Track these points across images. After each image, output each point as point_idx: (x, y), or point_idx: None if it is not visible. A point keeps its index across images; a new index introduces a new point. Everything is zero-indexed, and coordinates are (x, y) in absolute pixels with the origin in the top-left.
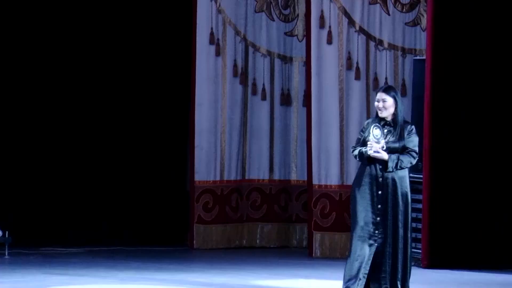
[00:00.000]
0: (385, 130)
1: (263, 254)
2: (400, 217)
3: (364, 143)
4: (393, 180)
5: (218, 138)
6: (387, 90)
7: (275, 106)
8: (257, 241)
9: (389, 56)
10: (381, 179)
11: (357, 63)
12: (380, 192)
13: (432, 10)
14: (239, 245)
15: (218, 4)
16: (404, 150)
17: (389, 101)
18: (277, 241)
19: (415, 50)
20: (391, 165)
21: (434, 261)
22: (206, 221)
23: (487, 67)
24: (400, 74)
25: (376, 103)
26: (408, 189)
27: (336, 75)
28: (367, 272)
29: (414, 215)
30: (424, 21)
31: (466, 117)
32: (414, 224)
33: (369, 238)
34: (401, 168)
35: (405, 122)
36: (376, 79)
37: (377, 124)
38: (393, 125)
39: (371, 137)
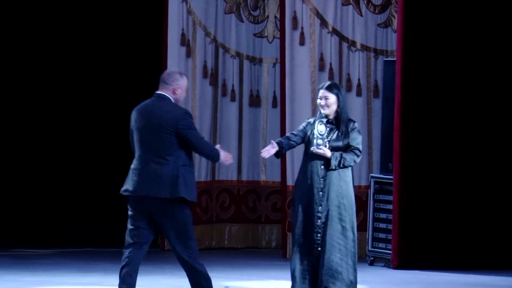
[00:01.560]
0: (328, 128)
1: (236, 255)
2: (347, 219)
3: (307, 142)
4: (337, 180)
5: None
6: (330, 87)
7: (244, 107)
8: (225, 242)
9: (362, 57)
10: (323, 179)
11: (330, 64)
12: (321, 193)
13: (402, 11)
14: (209, 246)
15: (188, 5)
16: (347, 149)
17: (332, 98)
18: (244, 242)
19: (387, 51)
20: (334, 163)
21: (404, 262)
22: None
23: (456, 69)
24: (372, 75)
25: (318, 101)
26: (352, 189)
27: (309, 76)
28: (309, 276)
29: (384, 215)
30: (395, 23)
31: (436, 118)
32: (384, 225)
33: (311, 242)
34: (344, 167)
35: (349, 120)
36: (349, 80)
37: (322, 120)
38: (335, 123)
39: (315, 133)
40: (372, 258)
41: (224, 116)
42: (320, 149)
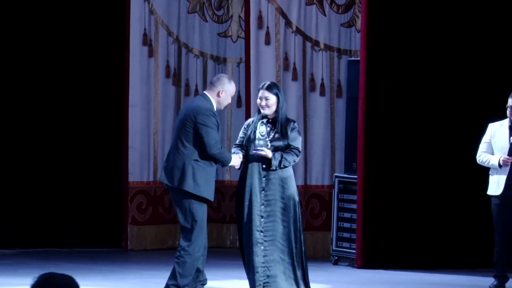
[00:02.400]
0: (268, 129)
1: None
2: (290, 219)
3: (248, 142)
4: (279, 180)
5: (151, 139)
6: (270, 87)
7: None
8: None
9: (325, 57)
10: (264, 179)
11: (294, 63)
12: (263, 193)
13: (366, 11)
14: (172, 246)
15: (150, 5)
16: (287, 148)
17: (272, 99)
18: (209, 242)
19: (350, 51)
20: (275, 163)
21: (368, 261)
22: (140, 222)
23: (419, 68)
24: (335, 75)
25: (258, 101)
26: (295, 189)
27: (274, 76)
28: (264, 277)
29: (348, 215)
30: (359, 22)
31: (400, 118)
32: (348, 225)
33: (257, 242)
34: (285, 167)
35: (288, 120)
36: (312, 80)
37: (263, 121)
38: (275, 123)
39: (257, 134)
40: (336, 258)
41: None
42: (262, 150)
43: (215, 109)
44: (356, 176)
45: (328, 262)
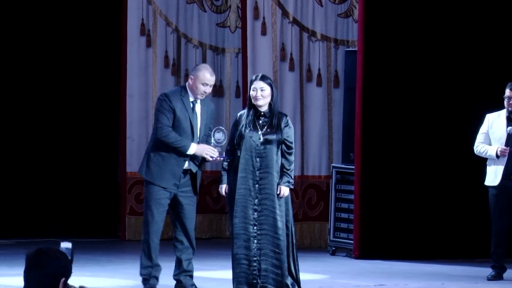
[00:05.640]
0: (260, 121)
1: (200, 245)
2: (283, 212)
3: (239, 138)
4: (271, 175)
5: (150, 129)
6: (264, 78)
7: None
8: None
9: (322, 47)
10: (258, 171)
11: (291, 54)
12: (257, 186)
13: (363, 1)
14: (171, 236)
15: None
16: (280, 142)
17: (267, 90)
18: (209, 232)
19: (348, 41)
20: (289, 185)
21: (366, 252)
22: (138, 212)
23: (417, 59)
24: (332, 65)
25: (252, 92)
26: None
27: (270, 66)
28: (256, 271)
29: (346, 205)
30: (356, 13)
31: (398, 108)
32: (346, 215)
33: (250, 236)
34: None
35: (281, 113)
36: (309, 70)
37: (219, 127)
38: (269, 116)
39: (212, 141)
40: (333, 248)
41: None
42: (280, 193)
43: (192, 98)
44: (353, 167)
45: (326, 252)
